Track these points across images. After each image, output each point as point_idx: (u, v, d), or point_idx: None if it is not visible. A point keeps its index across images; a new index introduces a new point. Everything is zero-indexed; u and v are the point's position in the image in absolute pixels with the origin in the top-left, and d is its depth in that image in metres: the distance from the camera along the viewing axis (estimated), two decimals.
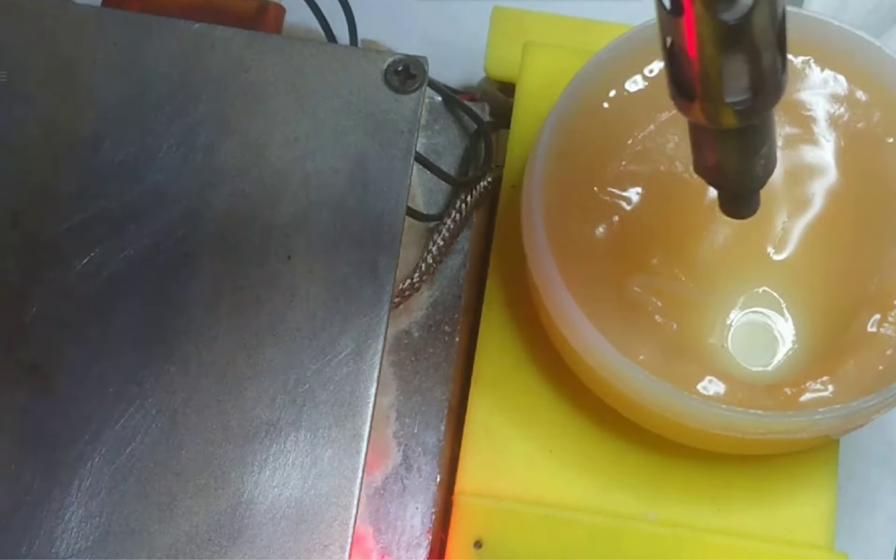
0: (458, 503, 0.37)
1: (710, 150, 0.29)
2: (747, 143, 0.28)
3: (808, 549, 0.36)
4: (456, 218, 0.41)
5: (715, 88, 0.26)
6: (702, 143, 0.29)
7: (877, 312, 0.36)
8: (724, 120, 0.27)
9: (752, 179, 0.30)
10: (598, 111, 0.38)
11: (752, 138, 0.28)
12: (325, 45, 0.39)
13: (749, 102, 0.26)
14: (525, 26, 0.45)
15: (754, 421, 0.34)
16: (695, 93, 0.26)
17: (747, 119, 0.27)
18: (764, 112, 0.27)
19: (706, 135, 0.29)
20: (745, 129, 0.28)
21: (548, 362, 0.38)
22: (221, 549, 0.32)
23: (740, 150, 0.29)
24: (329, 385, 0.34)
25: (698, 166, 0.30)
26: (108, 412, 0.33)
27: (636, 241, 0.37)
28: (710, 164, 0.29)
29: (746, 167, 0.29)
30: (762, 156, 0.29)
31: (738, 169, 0.29)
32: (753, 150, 0.29)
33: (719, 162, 0.29)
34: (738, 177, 0.29)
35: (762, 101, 0.27)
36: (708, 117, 0.27)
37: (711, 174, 0.30)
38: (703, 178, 0.30)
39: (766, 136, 0.29)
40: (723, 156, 0.29)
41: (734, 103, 0.26)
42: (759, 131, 0.28)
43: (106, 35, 0.38)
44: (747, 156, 0.29)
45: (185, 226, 0.36)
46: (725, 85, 0.26)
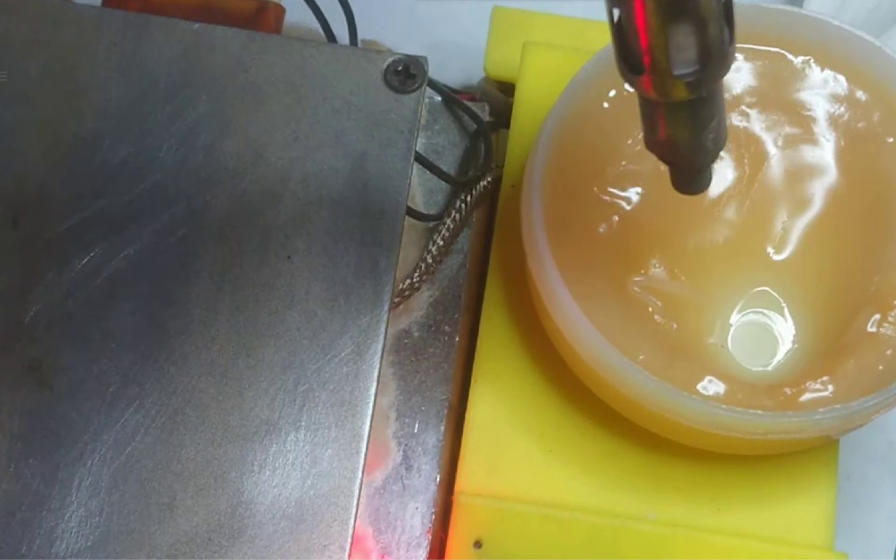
0: (458, 503, 0.37)
1: (660, 125, 0.29)
2: (696, 116, 0.29)
3: (808, 549, 0.36)
4: (456, 218, 0.41)
5: (662, 61, 0.26)
6: (652, 117, 0.29)
7: (877, 312, 0.36)
8: (672, 93, 0.27)
9: (702, 154, 0.30)
10: (598, 111, 0.38)
11: (701, 111, 0.28)
12: (325, 45, 0.39)
13: (697, 74, 0.27)
14: (525, 26, 0.45)
15: (754, 421, 0.34)
16: (643, 66, 0.27)
17: (696, 91, 0.27)
18: (712, 84, 0.28)
19: (656, 109, 0.29)
20: (694, 102, 0.28)
21: (548, 362, 0.38)
22: (221, 549, 0.32)
23: (690, 123, 0.29)
24: (329, 385, 0.34)
25: (649, 141, 0.30)
26: (108, 412, 0.33)
27: (636, 241, 0.37)
28: (661, 139, 0.30)
29: (696, 141, 0.29)
30: (711, 129, 0.29)
31: (688, 143, 0.29)
32: (703, 123, 0.29)
33: (669, 136, 0.29)
34: (689, 151, 0.30)
35: (710, 73, 0.27)
36: (657, 90, 0.27)
37: (662, 148, 0.30)
38: (653, 152, 0.30)
39: (715, 109, 0.29)
40: (673, 130, 0.29)
41: (682, 75, 0.27)
42: (708, 104, 0.28)
43: (106, 35, 0.38)
44: (697, 129, 0.29)
45: (185, 226, 0.36)
46: (672, 57, 0.26)
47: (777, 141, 0.39)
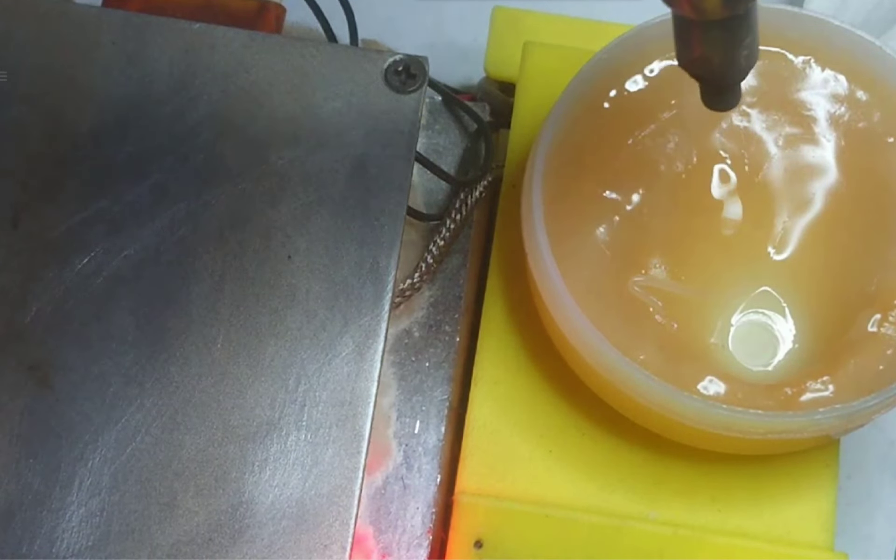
0: (458, 503, 0.37)
1: (695, 42, 0.29)
2: (732, 34, 0.29)
3: (808, 549, 0.36)
4: (456, 218, 0.41)
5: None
6: (686, 35, 0.29)
7: (877, 312, 0.36)
8: (709, 10, 0.27)
9: (735, 70, 0.30)
10: (598, 111, 0.38)
11: (737, 29, 0.29)
12: (325, 45, 0.39)
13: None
14: (525, 26, 0.45)
15: (754, 421, 0.34)
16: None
17: (732, 9, 0.27)
18: (749, 4, 0.28)
19: (691, 27, 0.29)
20: (730, 20, 0.28)
21: (548, 362, 0.38)
22: (222, 549, 0.32)
23: (725, 40, 0.29)
24: (330, 385, 0.34)
25: (682, 59, 0.30)
26: (108, 412, 0.33)
27: (636, 241, 0.37)
28: (695, 56, 0.30)
29: (730, 58, 0.29)
30: (745, 46, 0.29)
31: (722, 60, 0.29)
32: (738, 40, 0.29)
33: (704, 53, 0.29)
34: (722, 68, 0.30)
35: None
36: (694, 8, 0.27)
37: (696, 65, 0.30)
38: (686, 69, 0.30)
39: (750, 27, 0.29)
40: (707, 47, 0.29)
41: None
42: (744, 22, 0.29)
43: (106, 35, 0.38)
44: (732, 46, 0.29)
45: (186, 226, 0.36)
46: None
47: (777, 141, 0.39)
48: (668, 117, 0.38)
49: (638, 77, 0.39)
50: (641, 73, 0.39)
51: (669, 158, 0.38)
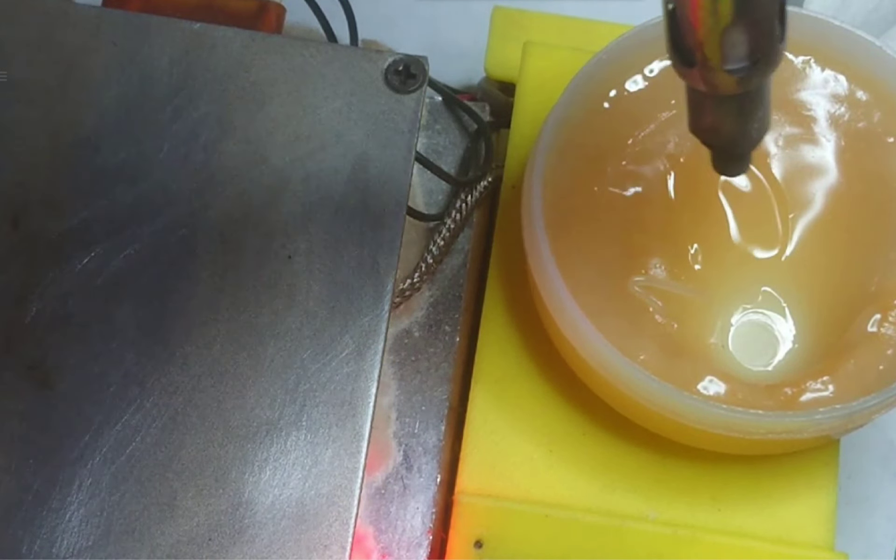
0: (458, 503, 0.37)
1: (707, 114, 0.29)
2: (744, 108, 0.29)
3: (808, 549, 0.36)
4: (456, 218, 0.41)
5: (715, 57, 0.26)
6: (699, 105, 0.30)
7: (877, 312, 0.36)
8: (722, 87, 0.27)
9: (746, 141, 0.30)
10: (598, 111, 0.38)
11: (749, 104, 0.29)
12: (325, 45, 0.39)
13: (748, 70, 0.27)
14: (525, 26, 0.45)
15: (754, 421, 0.34)
16: (695, 59, 0.27)
17: (745, 86, 0.27)
18: (762, 80, 0.28)
19: (704, 99, 0.29)
20: (743, 96, 0.28)
21: (548, 362, 0.38)
22: (222, 549, 0.32)
23: (737, 114, 0.29)
24: (329, 385, 0.34)
25: (694, 127, 0.30)
26: (108, 412, 0.33)
27: (636, 241, 0.37)
28: (706, 127, 0.30)
29: (742, 130, 0.29)
30: (757, 120, 0.29)
31: (733, 132, 0.29)
32: (750, 114, 0.29)
33: (715, 124, 0.29)
34: (733, 139, 0.30)
35: (761, 70, 0.27)
36: (707, 84, 0.27)
37: (707, 135, 0.30)
38: (697, 137, 0.31)
39: (763, 101, 0.29)
40: (719, 119, 0.29)
41: (733, 70, 0.27)
42: (756, 97, 0.29)
43: (106, 35, 0.38)
44: (744, 120, 0.29)
45: (185, 226, 0.36)
46: (725, 53, 0.26)
47: (777, 141, 0.39)
48: (668, 117, 0.38)
49: (638, 77, 0.39)
50: (641, 73, 0.39)
51: (669, 158, 0.38)
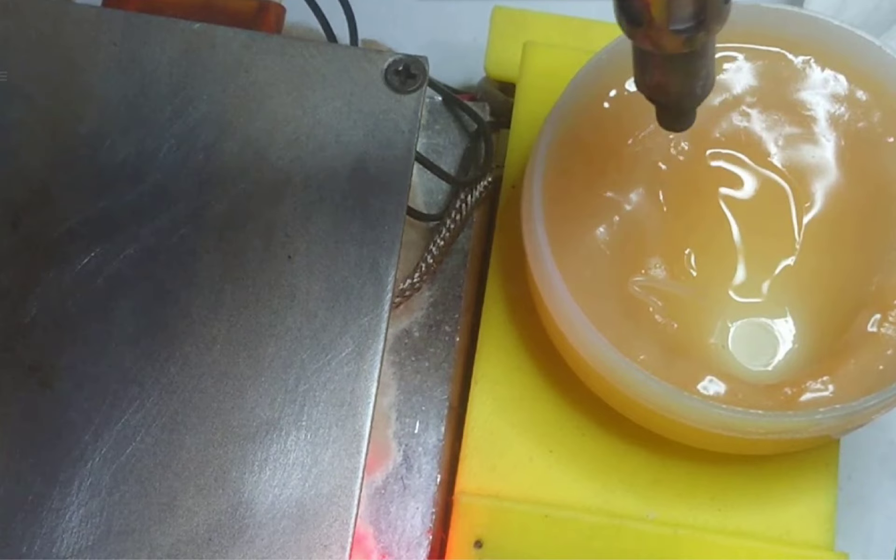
0: (458, 503, 0.37)
1: (653, 71, 0.30)
2: (690, 67, 0.29)
3: (808, 549, 0.36)
4: (456, 218, 0.41)
5: (662, 17, 0.27)
6: (645, 63, 0.30)
7: (877, 312, 0.36)
8: (669, 46, 0.28)
9: (691, 98, 0.31)
10: (598, 111, 0.38)
11: (695, 62, 0.29)
12: (325, 45, 0.39)
13: (693, 31, 0.27)
14: (525, 26, 0.45)
15: (754, 421, 0.34)
16: (642, 19, 0.27)
17: (691, 46, 0.28)
18: (707, 39, 0.28)
19: (651, 57, 0.29)
20: (689, 54, 0.29)
21: (548, 362, 0.38)
22: (222, 549, 0.32)
23: (683, 72, 0.30)
24: (329, 385, 0.34)
25: (640, 84, 0.31)
26: (108, 412, 0.33)
27: (636, 241, 0.37)
28: (653, 84, 0.30)
29: (688, 88, 0.30)
30: (702, 77, 0.30)
31: (679, 89, 0.30)
32: (695, 72, 0.30)
33: (661, 82, 0.30)
34: (679, 96, 0.31)
35: (706, 29, 0.28)
36: (654, 43, 0.28)
37: (653, 92, 0.31)
38: (643, 93, 0.31)
39: (707, 59, 0.30)
40: (665, 77, 0.30)
41: (679, 31, 0.27)
42: (702, 55, 0.29)
43: (106, 35, 0.38)
44: (689, 78, 0.30)
45: (186, 226, 0.36)
46: (672, 14, 0.27)
47: (777, 141, 0.39)
48: None
49: None
50: None
51: (669, 158, 0.38)
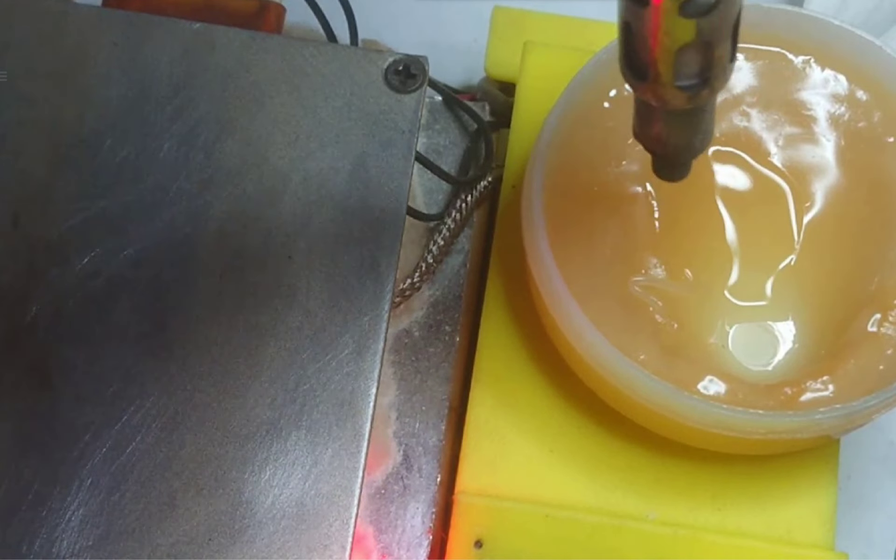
0: (458, 503, 0.37)
1: (654, 124, 0.30)
2: (691, 122, 0.29)
3: (808, 549, 0.36)
4: (456, 218, 0.41)
5: (668, 73, 0.27)
6: (647, 116, 0.30)
7: (877, 312, 0.36)
8: (673, 102, 0.28)
9: (690, 152, 0.31)
10: (598, 111, 0.38)
11: (696, 118, 0.29)
12: (325, 45, 0.39)
13: (698, 88, 0.27)
14: (525, 26, 0.45)
15: (754, 421, 0.34)
16: (648, 75, 0.27)
17: (695, 102, 0.28)
18: (711, 97, 0.28)
19: (653, 110, 0.29)
20: (691, 110, 0.29)
21: (548, 362, 0.38)
22: (222, 549, 0.32)
23: (684, 127, 0.30)
24: (329, 385, 0.34)
25: (639, 134, 0.31)
26: (108, 412, 0.33)
27: (636, 241, 0.37)
28: (653, 136, 0.30)
29: (687, 142, 0.30)
30: (702, 132, 0.30)
31: (679, 143, 0.30)
32: (696, 127, 0.30)
33: (661, 135, 0.30)
34: (677, 149, 0.30)
35: (710, 87, 0.28)
36: (658, 98, 0.28)
37: (652, 143, 0.31)
38: (642, 144, 0.31)
39: (708, 115, 0.30)
40: (666, 131, 0.30)
41: (684, 87, 0.27)
42: (703, 111, 0.29)
43: (106, 35, 0.38)
44: (690, 132, 0.30)
45: (185, 226, 0.36)
46: (677, 71, 0.27)
47: (778, 140, 0.39)
48: None
49: None
50: None
51: None
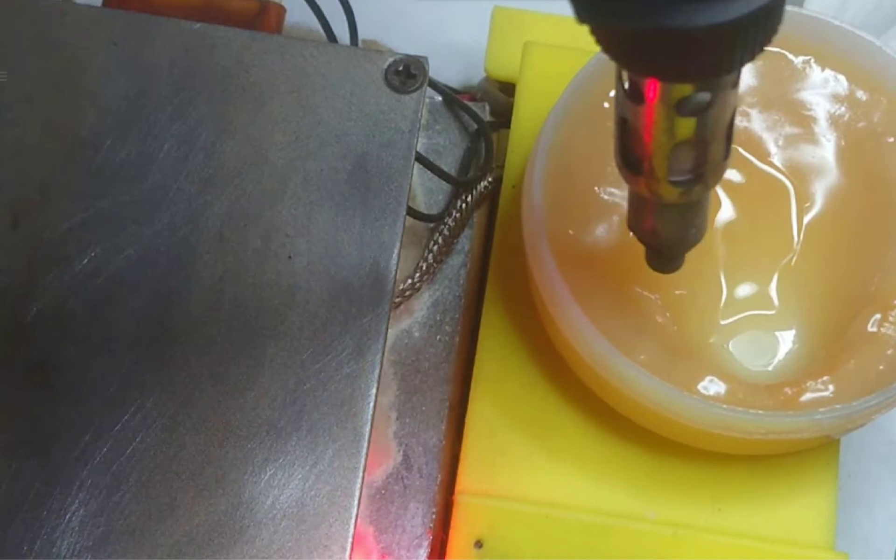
0: (458, 503, 0.37)
1: (648, 217, 0.30)
2: (685, 216, 0.30)
3: (808, 549, 0.36)
4: (456, 218, 0.41)
5: (662, 169, 0.27)
6: (640, 208, 0.30)
7: (877, 312, 0.36)
8: (666, 196, 0.28)
9: (683, 245, 0.31)
10: (598, 111, 0.38)
11: (690, 212, 0.30)
12: (325, 45, 0.39)
13: (691, 183, 0.28)
14: (525, 26, 0.45)
15: (755, 421, 0.34)
16: (642, 169, 0.28)
17: (688, 197, 0.28)
18: (704, 193, 0.29)
19: (647, 204, 0.30)
20: (685, 205, 0.29)
21: (548, 362, 0.38)
22: (222, 549, 0.32)
23: (677, 220, 0.30)
24: (330, 385, 0.34)
25: (633, 226, 0.31)
26: (108, 412, 0.33)
27: (636, 241, 0.37)
28: (647, 229, 0.31)
29: (680, 235, 0.31)
30: (696, 225, 0.30)
31: (672, 236, 0.31)
32: (689, 221, 0.30)
33: (655, 228, 0.30)
34: (670, 242, 0.31)
35: (704, 184, 0.28)
36: (651, 192, 0.28)
37: (646, 235, 0.31)
38: (635, 235, 0.31)
39: (702, 209, 0.30)
40: (660, 224, 0.30)
41: (677, 182, 0.28)
42: (697, 206, 0.29)
43: (106, 35, 0.38)
44: (683, 226, 0.30)
45: (186, 226, 0.36)
46: (672, 167, 0.27)
47: (778, 140, 0.39)
48: None
49: None
50: None
51: None
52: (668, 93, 0.25)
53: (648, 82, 0.25)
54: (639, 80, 0.26)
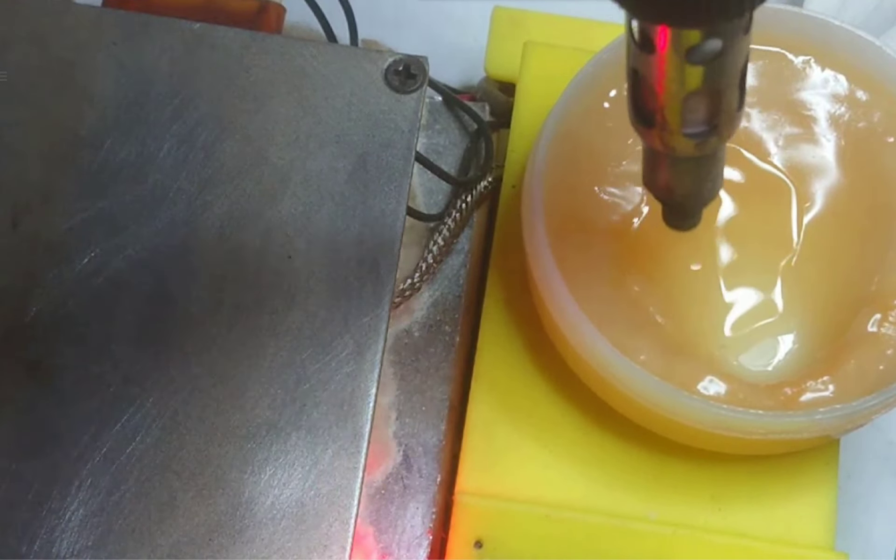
0: (458, 503, 0.37)
1: (662, 172, 0.30)
2: (699, 170, 0.29)
3: (808, 548, 0.36)
4: (456, 218, 0.41)
5: (675, 121, 0.27)
6: (654, 163, 0.30)
7: (877, 312, 0.36)
8: (680, 149, 0.28)
9: (699, 200, 0.31)
10: (598, 111, 0.38)
11: (705, 165, 0.29)
12: (325, 45, 0.39)
13: (706, 136, 0.27)
14: (525, 26, 0.45)
15: (755, 421, 0.34)
16: (654, 121, 0.27)
17: (702, 150, 0.28)
18: (719, 145, 0.28)
19: (661, 157, 0.29)
20: (699, 158, 0.29)
21: (548, 362, 0.38)
22: (222, 549, 0.32)
23: (692, 175, 0.30)
24: (329, 385, 0.34)
25: (648, 182, 0.31)
26: (108, 412, 0.33)
27: (636, 241, 0.37)
28: (661, 184, 0.30)
29: (696, 190, 0.30)
30: (711, 179, 0.30)
31: (687, 191, 0.30)
32: (704, 175, 0.30)
33: (670, 183, 0.30)
34: (687, 197, 0.31)
35: (718, 136, 0.28)
36: (665, 145, 0.28)
37: (661, 191, 0.31)
38: (651, 192, 0.31)
39: (717, 162, 0.30)
40: (674, 178, 0.30)
41: (691, 135, 0.27)
42: (712, 159, 0.29)
43: (106, 35, 0.38)
44: (698, 180, 0.30)
45: (185, 226, 0.36)
46: (685, 119, 0.27)
47: (778, 140, 0.39)
48: None
49: None
50: None
51: None
52: (678, 40, 0.25)
53: (659, 30, 0.25)
54: (649, 29, 0.25)
